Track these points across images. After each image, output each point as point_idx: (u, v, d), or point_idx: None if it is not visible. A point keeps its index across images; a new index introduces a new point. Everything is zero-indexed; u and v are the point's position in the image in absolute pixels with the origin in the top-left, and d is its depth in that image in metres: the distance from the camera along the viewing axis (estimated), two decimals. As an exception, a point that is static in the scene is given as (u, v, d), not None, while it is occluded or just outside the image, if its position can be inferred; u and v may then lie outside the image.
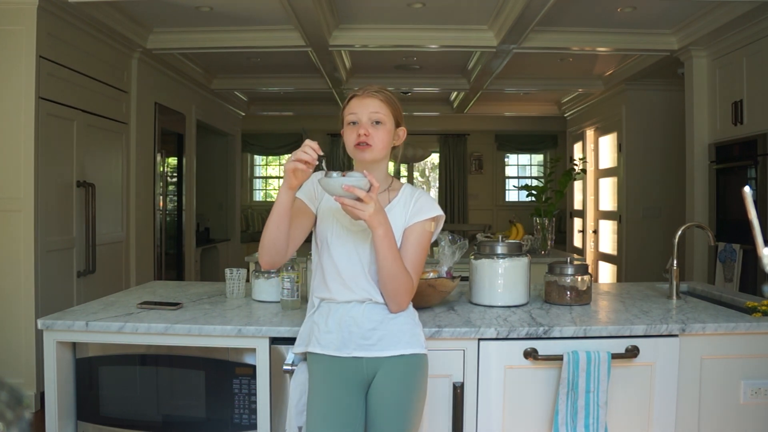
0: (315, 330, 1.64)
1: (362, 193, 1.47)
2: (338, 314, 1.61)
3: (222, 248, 7.48)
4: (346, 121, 1.68)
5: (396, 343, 1.59)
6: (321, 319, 1.64)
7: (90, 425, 1.97)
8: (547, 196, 4.08)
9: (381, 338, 1.59)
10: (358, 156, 1.65)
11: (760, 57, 4.02)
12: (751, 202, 1.19)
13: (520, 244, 2.20)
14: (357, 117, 1.65)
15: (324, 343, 1.60)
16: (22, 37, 3.50)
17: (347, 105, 1.69)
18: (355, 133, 1.64)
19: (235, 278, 2.34)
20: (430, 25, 4.79)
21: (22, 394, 0.58)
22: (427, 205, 1.68)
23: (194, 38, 4.89)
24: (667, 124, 6.04)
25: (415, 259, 1.64)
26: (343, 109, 1.70)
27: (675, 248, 2.38)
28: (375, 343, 1.59)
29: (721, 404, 1.91)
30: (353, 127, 1.65)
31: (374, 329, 1.59)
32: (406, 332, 1.61)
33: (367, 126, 1.64)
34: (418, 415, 1.61)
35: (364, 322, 1.60)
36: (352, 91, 1.72)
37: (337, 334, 1.60)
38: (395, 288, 1.59)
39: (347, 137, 1.67)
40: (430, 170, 10.81)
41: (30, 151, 3.51)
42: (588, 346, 1.84)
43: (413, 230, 1.66)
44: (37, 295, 3.55)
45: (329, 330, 1.61)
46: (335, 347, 1.59)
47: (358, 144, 1.63)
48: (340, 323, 1.60)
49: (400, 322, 1.62)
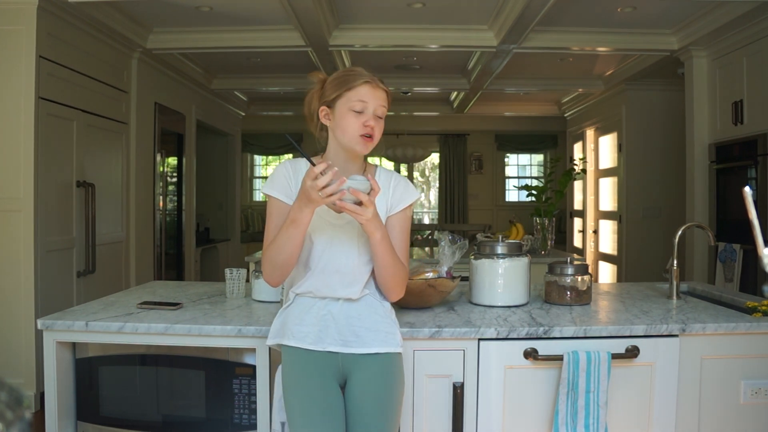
0: (289, 323, 1.62)
1: (364, 197, 1.43)
2: (315, 309, 1.60)
3: (222, 248, 7.49)
4: (348, 107, 1.56)
5: (372, 341, 1.59)
6: (297, 313, 1.61)
7: (90, 425, 1.97)
8: (547, 196, 4.08)
9: (358, 335, 1.59)
10: (359, 148, 1.58)
11: (760, 57, 4.02)
12: (751, 202, 1.19)
13: (520, 244, 2.20)
14: (365, 106, 1.56)
15: (299, 336, 1.59)
16: (22, 37, 3.50)
17: (354, 89, 1.56)
18: (361, 122, 1.56)
19: (235, 278, 2.34)
20: (430, 25, 4.79)
21: (22, 394, 0.58)
22: (407, 191, 1.67)
23: (194, 38, 4.89)
24: (667, 124, 6.04)
25: (403, 246, 1.65)
26: (346, 91, 1.57)
27: (675, 248, 2.38)
28: (351, 340, 1.58)
29: (721, 404, 1.91)
30: (358, 115, 1.56)
31: (351, 326, 1.59)
32: (382, 330, 1.61)
33: (372, 118, 1.57)
34: (398, 415, 1.63)
35: (340, 318, 1.59)
36: (356, 73, 1.59)
37: (313, 328, 1.59)
38: (396, 282, 1.61)
39: (350, 124, 1.56)
40: (430, 170, 10.81)
41: (30, 151, 3.51)
42: (588, 346, 1.84)
43: (398, 219, 1.65)
44: (37, 295, 3.55)
45: (305, 323, 1.59)
46: (311, 341, 1.58)
47: (366, 135, 1.56)
48: (317, 318, 1.59)
49: (377, 320, 1.61)
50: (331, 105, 1.60)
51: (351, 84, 1.57)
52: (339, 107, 1.58)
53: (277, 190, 1.62)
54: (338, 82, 1.60)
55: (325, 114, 1.62)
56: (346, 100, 1.57)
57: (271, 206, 1.63)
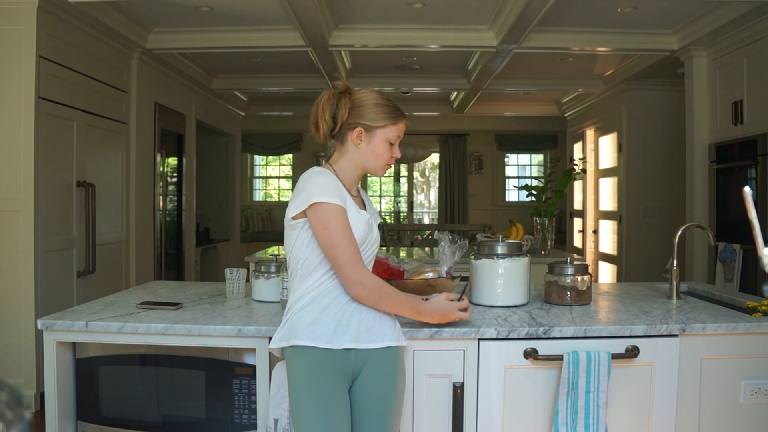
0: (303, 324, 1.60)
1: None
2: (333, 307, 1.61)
3: (222, 248, 7.49)
4: (387, 138, 1.68)
5: (383, 334, 1.64)
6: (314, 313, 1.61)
7: (90, 425, 1.97)
8: (547, 196, 4.08)
9: (370, 329, 1.62)
10: (380, 172, 1.73)
11: (760, 57, 4.02)
12: (751, 202, 1.19)
13: (520, 244, 2.20)
14: (395, 140, 1.70)
15: (315, 336, 1.59)
16: (22, 37, 3.50)
17: (398, 124, 1.69)
18: (391, 153, 1.70)
19: (235, 278, 2.34)
20: (430, 25, 4.80)
21: (22, 394, 0.58)
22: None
23: (194, 38, 4.89)
24: (667, 124, 6.04)
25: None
26: (392, 124, 1.68)
27: (675, 248, 2.38)
28: (364, 335, 1.61)
29: (721, 404, 1.91)
30: (388, 146, 1.69)
31: (363, 320, 1.61)
32: (389, 324, 1.67)
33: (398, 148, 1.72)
34: (401, 408, 1.71)
35: (355, 315, 1.62)
36: (398, 108, 1.71)
37: (328, 327, 1.59)
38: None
39: (383, 153, 1.69)
40: (430, 170, 10.81)
41: (30, 151, 3.51)
42: (588, 346, 1.84)
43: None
44: (37, 295, 3.55)
45: (320, 323, 1.59)
46: (326, 340, 1.58)
47: (388, 165, 1.72)
48: (333, 316, 1.60)
49: (381, 314, 1.66)
50: (370, 130, 1.68)
51: (397, 120, 1.70)
52: (379, 135, 1.68)
53: (338, 198, 1.61)
54: (386, 113, 1.68)
55: (359, 134, 1.68)
56: (388, 131, 1.69)
57: (334, 213, 1.59)
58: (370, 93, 1.69)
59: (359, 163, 1.70)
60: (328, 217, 1.57)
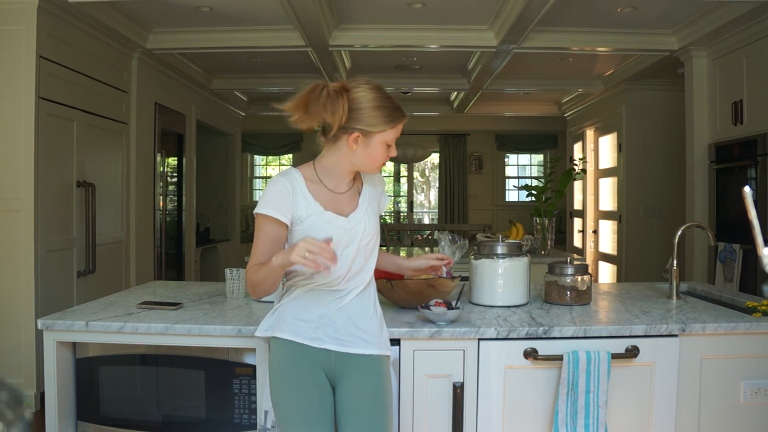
0: (286, 316, 1.62)
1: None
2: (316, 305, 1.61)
3: (222, 248, 7.49)
4: (385, 140, 1.58)
5: (367, 342, 1.62)
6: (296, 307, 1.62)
7: (90, 425, 1.97)
8: (547, 196, 4.08)
9: (355, 335, 1.61)
10: (374, 171, 1.68)
11: (760, 57, 4.02)
12: (751, 202, 1.19)
13: (520, 244, 2.20)
14: (394, 141, 1.62)
15: (296, 330, 1.60)
16: (22, 37, 3.50)
17: (397, 126, 1.59)
18: (388, 153, 1.62)
19: (235, 278, 2.34)
20: (430, 25, 4.79)
21: (22, 394, 0.58)
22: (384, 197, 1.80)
23: (194, 38, 4.89)
24: (667, 124, 6.04)
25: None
26: (390, 128, 1.58)
27: (675, 248, 2.38)
28: (348, 340, 1.61)
29: (721, 404, 1.91)
30: (386, 148, 1.60)
31: (349, 325, 1.61)
32: (377, 332, 1.65)
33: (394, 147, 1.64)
34: (392, 420, 1.67)
35: (340, 317, 1.61)
36: (399, 107, 1.60)
37: (310, 324, 1.60)
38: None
39: (380, 155, 1.59)
40: (430, 170, 10.81)
41: (30, 151, 3.51)
42: (588, 346, 1.84)
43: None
44: (37, 295, 3.55)
45: (303, 318, 1.60)
46: (307, 337, 1.59)
47: (383, 164, 1.66)
48: (317, 315, 1.60)
49: (373, 322, 1.65)
50: (368, 135, 1.57)
51: (396, 123, 1.59)
52: (377, 139, 1.58)
53: (279, 211, 1.56)
54: (385, 115, 1.57)
55: (356, 139, 1.57)
56: (386, 135, 1.59)
57: (260, 223, 1.58)
58: (368, 92, 1.56)
59: (352, 163, 1.62)
60: (257, 226, 1.59)
